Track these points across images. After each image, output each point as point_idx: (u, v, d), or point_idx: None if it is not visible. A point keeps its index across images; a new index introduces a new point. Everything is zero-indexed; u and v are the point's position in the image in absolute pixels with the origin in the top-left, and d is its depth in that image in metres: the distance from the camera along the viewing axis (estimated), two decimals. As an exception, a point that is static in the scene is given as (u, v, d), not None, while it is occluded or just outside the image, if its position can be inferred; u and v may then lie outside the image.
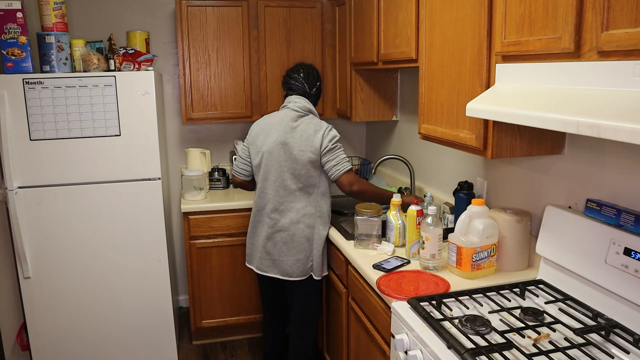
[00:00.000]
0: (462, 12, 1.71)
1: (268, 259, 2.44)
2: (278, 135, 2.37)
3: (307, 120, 2.39)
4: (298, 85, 2.47)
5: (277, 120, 2.42)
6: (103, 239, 2.75)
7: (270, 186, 2.40)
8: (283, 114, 2.43)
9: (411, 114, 3.00)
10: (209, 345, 3.29)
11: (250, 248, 2.55)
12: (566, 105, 1.16)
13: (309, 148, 2.33)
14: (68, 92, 2.57)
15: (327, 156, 2.34)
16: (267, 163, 2.40)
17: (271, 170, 2.39)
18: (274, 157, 2.37)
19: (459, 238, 1.82)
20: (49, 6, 2.57)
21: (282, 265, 2.41)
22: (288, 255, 2.40)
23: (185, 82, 3.16)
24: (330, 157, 2.34)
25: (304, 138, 2.34)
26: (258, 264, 2.49)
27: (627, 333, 1.39)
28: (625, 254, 1.42)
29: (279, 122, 2.41)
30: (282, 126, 2.38)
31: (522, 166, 1.97)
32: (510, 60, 1.49)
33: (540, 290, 1.70)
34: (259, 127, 2.48)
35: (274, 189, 2.39)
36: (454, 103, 1.81)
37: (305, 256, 2.40)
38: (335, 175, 2.35)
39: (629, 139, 0.97)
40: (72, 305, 2.76)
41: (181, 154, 3.56)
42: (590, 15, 1.17)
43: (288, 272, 2.41)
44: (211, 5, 3.12)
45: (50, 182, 2.64)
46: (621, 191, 1.53)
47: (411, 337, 1.53)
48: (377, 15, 2.50)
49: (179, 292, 3.70)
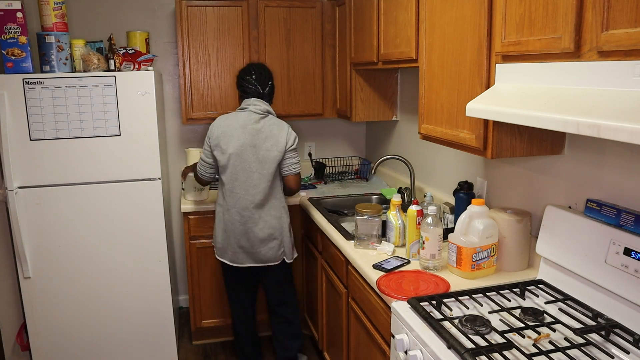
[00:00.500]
0: (462, 12, 1.71)
1: (242, 252, 2.61)
2: (245, 138, 2.51)
3: (269, 121, 2.56)
4: (251, 87, 2.60)
5: (241, 123, 2.54)
6: (103, 239, 2.75)
7: (240, 186, 2.54)
8: (246, 117, 2.55)
9: (411, 114, 3.00)
10: (209, 345, 3.29)
11: (222, 244, 2.64)
12: (566, 105, 1.16)
13: (275, 147, 2.52)
14: (68, 92, 2.57)
15: (290, 154, 2.57)
16: (235, 164, 2.53)
17: (240, 171, 2.53)
18: (243, 158, 2.51)
19: (459, 238, 1.82)
20: (49, 6, 2.57)
21: (257, 256, 2.60)
22: (261, 246, 2.58)
23: (185, 82, 3.16)
24: (292, 155, 2.58)
25: (270, 138, 2.52)
26: (232, 258, 2.63)
27: (627, 333, 1.39)
28: (625, 254, 1.42)
29: (242, 125, 2.53)
30: (248, 129, 2.52)
31: (522, 166, 1.97)
32: (510, 60, 1.49)
33: (540, 290, 1.70)
34: (220, 130, 2.55)
35: (244, 189, 2.53)
36: (454, 103, 1.81)
37: (277, 244, 2.61)
38: (291, 172, 2.59)
39: (629, 139, 0.97)
40: (72, 305, 2.76)
41: (181, 154, 3.56)
42: (590, 15, 1.17)
43: (263, 260, 2.61)
44: (211, 5, 3.12)
45: (50, 182, 2.64)
46: (621, 191, 1.53)
47: (411, 337, 1.53)
48: (377, 15, 2.50)
49: (179, 292, 3.70)
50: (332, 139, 3.83)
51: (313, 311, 3.02)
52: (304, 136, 3.78)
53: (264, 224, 2.56)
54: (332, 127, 3.82)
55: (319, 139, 3.81)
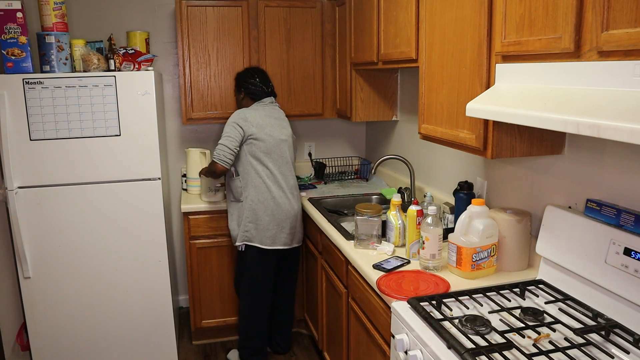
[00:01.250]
0: (462, 12, 1.71)
1: (291, 234, 2.80)
2: (284, 126, 2.83)
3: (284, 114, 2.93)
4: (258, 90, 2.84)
5: (276, 115, 2.83)
6: (103, 239, 2.75)
7: (287, 168, 2.80)
8: (272, 109, 2.83)
9: (411, 114, 3.00)
10: (209, 345, 3.29)
11: (274, 230, 2.74)
12: (566, 105, 1.16)
13: (292, 135, 2.90)
14: (68, 92, 2.57)
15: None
16: (282, 149, 2.77)
17: (288, 154, 2.81)
18: (289, 143, 2.82)
19: (459, 238, 1.82)
20: (49, 6, 2.57)
21: (298, 235, 2.88)
22: (301, 224, 2.89)
23: (185, 82, 3.16)
24: None
25: (289, 127, 2.89)
26: (285, 241, 2.78)
27: (627, 333, 1.39)
28: (625, 254, 1.42)
29: (279, 117, 2.84)
30: (281, 120, 2.84)
31: (522, 166, 1.97)
32: (510, 60, 1.49)
33: (540, 290, 1.70)
34: (260, 120, 2.74)
35: (289, 170, 2.82)
36: (454, 103, 1.81)
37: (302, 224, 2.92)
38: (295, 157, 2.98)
39: (629, 139, 0.97)
40: (72, 305, 2.76)
41: (181, 154, 3.56)
42: (590, 15, 1.17)
43: (300, 238, 2.90)
44: (211, 5, 3.12)
45: (50, 182, 2.64)
46: (621, 191, 1.53)
47: (411, 337, 1.53)
48: (377, 15, 2.50)
49: (179, 292, 3.70)
50: (332, 139, 3.83)
51: (313, 311, 3.02)
52: (304, 136, 3.78)
53: (299, 202, 2.87)
54: (332, 127, 3.82)
55: (319, 139, 3.81)
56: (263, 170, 2.71)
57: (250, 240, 2.73)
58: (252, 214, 2.71)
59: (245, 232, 2.73)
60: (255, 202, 2.70)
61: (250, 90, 2.83)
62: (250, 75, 2.85)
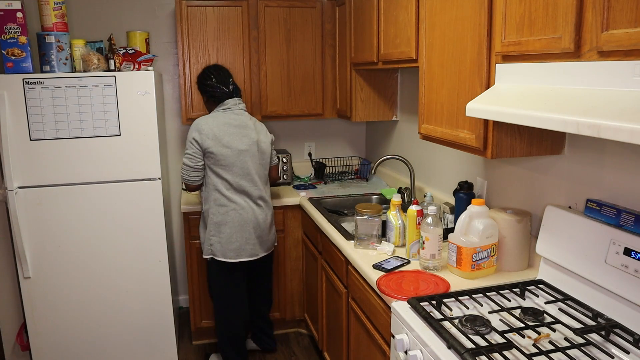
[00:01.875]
0: (462, 12, 1.71)
1: (258, 244, 2.71)
2: (249, 134, 2.65)
3: (251, 117, 2.75)
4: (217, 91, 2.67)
5: (234, 122, 2.63)
6: (103, 239, 2.75)
7: (250, 179, 2.65)
8: (234, 115, 2.65)
9: (411, 114, 3.00)
10: (209, 345, 3.29)
11: (238, 242, 2.65)
12: (566, 105, 1.16)
13: (266, 139, 2.74)
14: (68, 92, 2.57)
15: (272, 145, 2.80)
16: (243, 160, 2.62)
17: (250, 165, 2.64)
18: (251, 153, 2.64)
19: (459, 238, 1.82)
20: (49, 6, 2.57)
21: (267, 244, 2.78)
22: (269, 234, 2.78)
23: (185, 82, 3.16)
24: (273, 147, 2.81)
25: (261, 131, 2.72)
26: (251, 252, 2.69)
27: (627, 333, 1.39)
28: (625, 254, 1.42)
29: (242, 123, 2.65)
30: (244, 126, 2.65)
31: (522, 166, 1.97)
32: (510, 60, 1.49)
33: (540, 290, 1.70)
34: (217, 129, 2.58)
35: (252, 181, 2.66)
36: (454, 103, 1.81)
37: (274, 230, 2.87)
38: (274, 161, 2.84)
39: (629, 139, 0.97)
40: (72, 305, 2.76)
41: (181, 154, 3.56)
42: (590, 15, 1.17)
43: (269, 247, 2.81)
44: (211, 5, 3.12)
45: (50, 182, 2.64)
46: (621, 191, 1.53)
47: (411, 337, 1.53)
48: (377, 15, 2.50)
49: (179, 292, 3.70)
50: (332, 139, 3.83)
51: (313, 311, 3.02)
52: (304, 136, 3.78)
53: (268, 211, 2.75)
54: (332, 127, 3.82)
55: (319, 139, 3.81)
56: (222, 183, 2.60)
57: (214, 254, 2.66)
58: (215, 227, 2.64)
59: (210, 245, 2.67)
60: (216, 215, 2.63)
61: (209, 93, 2.69)
62: (206, 76, 2.69)
